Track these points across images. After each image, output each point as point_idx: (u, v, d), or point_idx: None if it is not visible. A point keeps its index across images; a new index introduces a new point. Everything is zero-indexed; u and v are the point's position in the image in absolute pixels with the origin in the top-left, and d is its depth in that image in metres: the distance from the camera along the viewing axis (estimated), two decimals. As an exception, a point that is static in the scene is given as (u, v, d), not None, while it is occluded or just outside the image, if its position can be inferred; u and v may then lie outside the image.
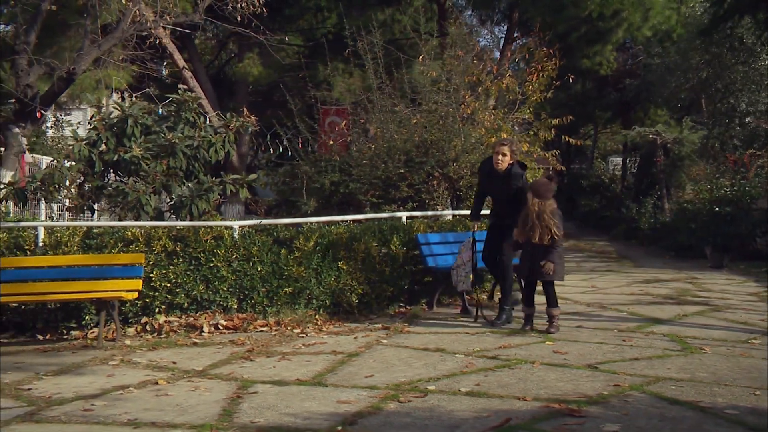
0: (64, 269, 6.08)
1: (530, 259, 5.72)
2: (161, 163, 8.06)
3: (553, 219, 5.58)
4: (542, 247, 5.61)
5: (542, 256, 5.61)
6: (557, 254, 5.63)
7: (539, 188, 5.75)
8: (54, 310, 6.24)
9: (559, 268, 5.67)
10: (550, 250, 5.60)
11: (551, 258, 5.59)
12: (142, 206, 7.78)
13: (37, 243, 6.31)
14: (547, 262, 5.58)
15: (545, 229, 5.57)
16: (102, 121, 8.14)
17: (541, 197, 5.66)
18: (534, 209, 5.63)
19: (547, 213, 5.58)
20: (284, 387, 4.22)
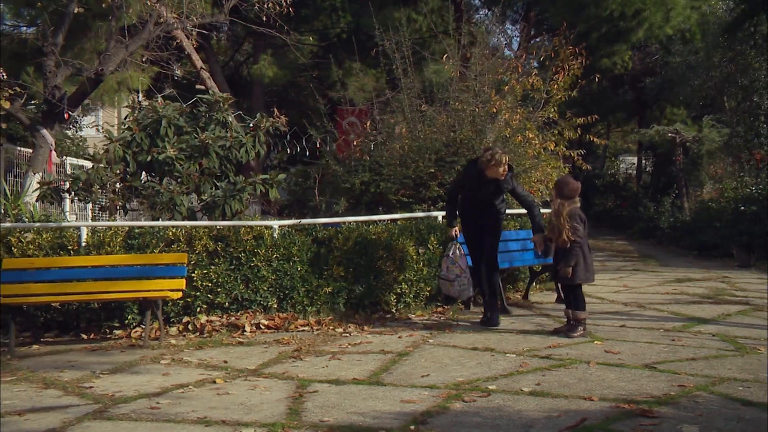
0: (107, 269, 6.11)
1: (555, 260, 5.72)
2: (194, 164, 8.11)
3: (567, 221, 5.45)
4: (561, 249, 5.56)
5: (561, 258, 5.56)
6: (574, 255, 5.48)
7: (562, 188, 5.63)
8: (97, 310, 6.28)
9: (579, 269, 5.49)
10: (566, 253, 5.49)
11: (567, 260, 5.47)
12: (175, 206, 7.83)
13: (80, 243, 6.34)
14: (561, 266, 5.50)
15: (559, 231, 5.49)
16: (136, 121, 8.19)
17: (564, 197, 5.55)
18: (554, 208, 5.58)
19: (563, 215, 5.47)
20: (343, 386, 4.23)
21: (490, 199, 6.19)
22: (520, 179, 9.17)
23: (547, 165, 10.18)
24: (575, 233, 5.45)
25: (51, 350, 5.63)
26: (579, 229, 5.49)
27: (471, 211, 6.35)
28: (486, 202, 6.21)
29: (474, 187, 6.21)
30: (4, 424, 3.60)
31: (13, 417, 3.71)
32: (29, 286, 5.93)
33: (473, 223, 6.34)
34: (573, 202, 5.55)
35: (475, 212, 6.30)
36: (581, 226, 5.53)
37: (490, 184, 6.13)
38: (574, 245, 5.48)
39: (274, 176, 8.44)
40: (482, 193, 6.18)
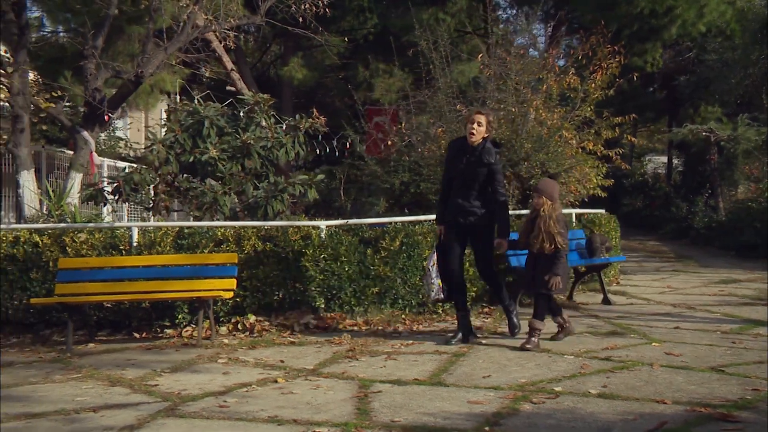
0: (159, 269, 6.18)
1: (532, 268, 5.18)
2: (237, 164, 8.18)
3: (558, 226, 5.02)
4: (545, 257, 5.06)
5: (546, 268, 5.04)
6: (561, 265, 5.06)
7: (548, 188, 5.14)
8: (148, 309, 6.36)
9: (564, 280, 5.16)
10: (554, 260, 5.02)
11: (556, 270, 5.02)
12: (219, 207, 7.90)
13: (132, 243, 6.42)
14: (552, 276, 5.02)
15: (549, 237, 5.01)
16: (178, 123, 8.28)
17: (550, 198, 5.09)
18: (543, 213, 5.05)
19: (553, 218, 5.01)
20: (405, 386, 4.23)
21: (473, 180, 5.24)
22: (561, 179, 9.11)
23: (585, 165, 10.10)
24: (563, 238, 5.04)
25: (107, 348, 5.70)
26: (565, 235, 5.09)
27: (453, 203, 5.36)
28: (469, 185, 5.25)
29: (452, 163, 5.35)
30: (81, 420, 3.65)
31: (89, 413, 3.77)
32: (84, 285, 6.03)
33: (454, 220, 5.37)
34: (559, 205, 5.19)
35: (457, 205, 5.35)
36: (566, 231, 5.16)
37: (470, 155, 5.22)
38: (562, 252, 5.05)
39: (312, 177, 8.48)
40: (462, 168, 5.26)
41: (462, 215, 5.34)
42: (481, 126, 5.22)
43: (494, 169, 5.23)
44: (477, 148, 5.24)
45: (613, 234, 8.90)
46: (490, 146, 5.24)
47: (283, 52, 19.84)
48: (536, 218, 5.07)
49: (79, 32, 12.29)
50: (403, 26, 20.10)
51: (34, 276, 6.30)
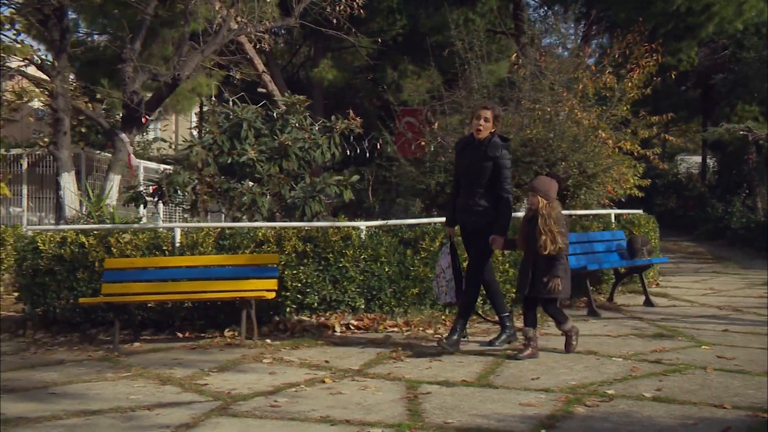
0: (201, 269, 6.25)
1: (531, 272, 4.90)
2: (274, 165, 8.24)
3: (558, 225, 4.77)
4: (544, 259, 4.79)
5: (545, 270, 4.80)
6: (563, 266, 4.82)
7: (543, 186, 4.86)
8: (190, 309, 6.43)
9: (564, 283, 4.85)
10: (554, 262, 4.78)
11: (555, 272, 4.78)
12: (257, 208, 7.97)
13: (174, 244, 6.51)
14: (552, 278, 4.78)
15: (551, 237, 4.74)
16: (217, 125, 8.37)
17: (547, 197, 4.82)
18: (542, 212, 4.78)
19: (553, 217, 4.76)
20: (454, 388, 4.22)
21: (479, 176, 5.00)
22: (598, 180, 9.01)
23: (622, 165, 9.98)
24: (563, 240, 4.79)
25: (153, 348, 5.78)
26: (566, 235, 4.86)
27: (459, 202, 5.18)
28: (475, 182, 5.02)
29: (459, 161, 5.20)
30: (138, 418, 3.71)
31: (144, 411, 3.82)
32: (130, 285, 6.12)
33: (461, 222, 5.27)
34: (557, 204, 4.90)
35: (462, 204, 5.15)
36: (566, 230, 4.92)
37: (476, 151, 5.00)
38: (562, 254, 4.80)
39: (347, 177, 8.50)
40: (467, 165, 5.08)
41: (465, 215, 5.14)
42: (487, 122, 5.00)
43: (500, 164, 4.95)
44: (483, 142, 5.01)
45: (652, 235, 8.78)
46: (496, 140, 5.02)
47: (313, 54, 19.94)
48: (533, 218, 4.83)
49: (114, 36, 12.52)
50: (432, 27, 20.07)
51: (80, 276, 6.42)
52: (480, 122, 5.00)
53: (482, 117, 5.00)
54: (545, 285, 4.80)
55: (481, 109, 5.07)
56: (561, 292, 4.84)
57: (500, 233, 5.01)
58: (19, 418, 3.66)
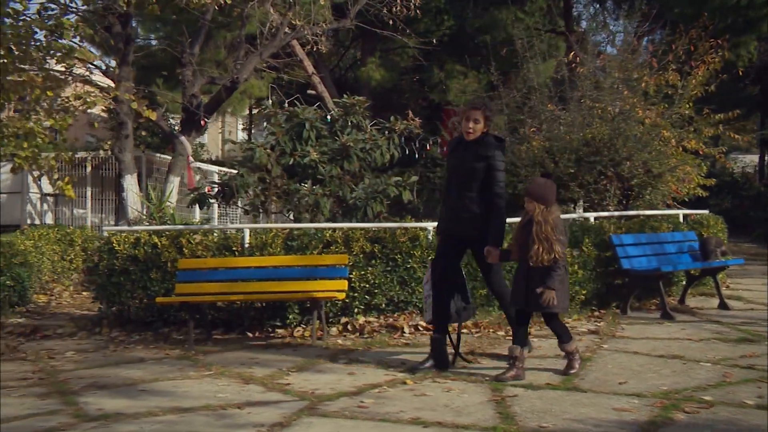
0: (271, 269, 6.31)
1: (525, 283, 4.44)
2: (336, 166, 8.28)
3: (555, 233, 4.31)
4: (539, 269, 4.34)
5: (540, 281, 4.34)
6: (558, 278, 4.35)
7: (539, 190, 4.42)
8: (260, 309, 6.50)
9: (562, 295, 4.41)
10: (550, 272, 4.31)
11: (550, 283, 4.31)
12: (319, 209, 8.01)
13: (244, 244, 6.59)
14: (545, 290, 4.31)
15: (547, 246, 4.30)
16: (280, 126, 8.45)
17: (543, 201, 4.36)
18: (536, 219, 4.33)
19: (550, 224, 4.31)
20: (540, 391, 4.15)
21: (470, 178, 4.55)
22: (665, 179, 8.79)
23: (687, 164, 9.70)
24: (562, 247, 4.35)
25: (226, 347, 5.86)
26: (564, 243, 4.40)
27: (448, 207, 4.74)
28: (466, 186, 4.58)
29: (450, 163, 4.79)
30: (231, 416, 3.75)
31: (234, 410, 3.87)
32: (202, 285, 6.22)
33: (446, 230, 4.79)
34: (554, 209, 4.43)
35: (450, 210, 4.71)
36: (565, 238, 4.46)
37: (467, 152, 4.58)
38: (559, 263, 4.35)
39: (406, 178, 8.48)
40: (458, 166, 4.64)
41: (453, 222, 4.68)
42: (477, 123, 4.55)
43: (493, 165, 4.51)
44: (475, 142, 4.59)
45: (721, 236, 8.50)
46: (490, 139, 4.59)
47: (361, 55, 20.00)
48: (528, 225, 4.38)
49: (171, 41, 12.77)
50: (480, 27, 19.94)
51: (153, 276, 6.55)
52: (469, 125, 4.54)
53: (471, 119, 4.54)
54: (538, 297, 4.33)
55: (470, 110, 4.59)
56: (557, 306, 4.37)
57: (495, 244, 4.54)
58: (118, 414, 3.74)
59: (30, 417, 3.73)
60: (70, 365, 5.18)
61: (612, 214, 7.64)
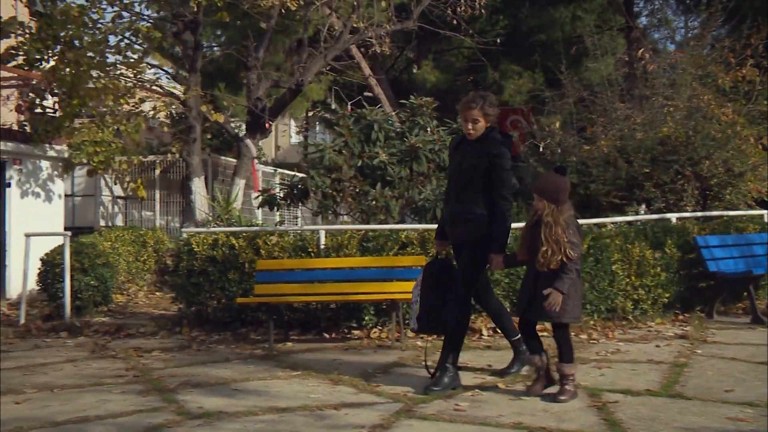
0: (347, 271, 6.32)
1: (532, 288, 4.04)
2: (405, 168, 8.25)
3: (567, 234, 3.91)
4: (548, 273, 3.94)
5: (547, 285, 3.93)
6: (570, 283, 3.92)
7: (550, 186, 4.00)
8: (336, 310, 6.51)
9: (573, 303, 3.97)
10: (560, 275, 3.90)
11: (559, 286, 3.87)
12: (389, 211, 8.00)
13: (319, 245, 6.62)
14: (553, 291, 3.87)
15: (557, 248, 3.88)
16: (348, 128, 8.48)
17: (553, 200, 3.95)
18: (546, 219, 3.93)
19: (561, 224, 3.90)
20: (641, 397, 4.01)
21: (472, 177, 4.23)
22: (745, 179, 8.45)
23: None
24: (574, 250, 3.95)
25: (307, 348, 5.89)
26: (578, 246, 3.97)
27: (448, 210, 4.47)
28: (467, 185, 4.26)
29: (451, 162, 4.49)
30: (329, 417, 3.75)
31: (331, 410, 3.86)
32: (280, 286, 6.27)
33: (450, 233, 4.47)
34: (567, 207, 4.01)
35: (450, 212, 4.42)
36: (579, 240, 4.04)
37: (470, 149, 4.25)
38: (571, 265, 3.93)
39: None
40: (460, 165, 4.31)
41: (453, 225, 4.34)
42: (477, 122, 4.22)
43: (498, 163, 4.14)
44: (479, 139, 4.26)
45: (808, 237, 8.11)
46: (495, 135, 4.25)
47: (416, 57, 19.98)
48: (537, 225, 3.99)
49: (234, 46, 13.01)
50: (536, 26, 19.66)
51: (231, 276, 6.64)
52: (469, 126, 4.24)
53: (470, 120, 4.22)
54: (544, 300, 3.90)
55: (466, 110, 4.23)
56: (565, 314, 3.93)
57: (497, 250, 4.16)
58: (220, 413, 3.78)
59: (135, 413, 3.81)
60: (159, 363, 5.29)
61: (695, 215, 7.37)
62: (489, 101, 4.24)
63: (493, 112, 4.25)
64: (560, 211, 3.93)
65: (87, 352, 5.87)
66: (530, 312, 4.06)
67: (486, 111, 4.22)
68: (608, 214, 8.40)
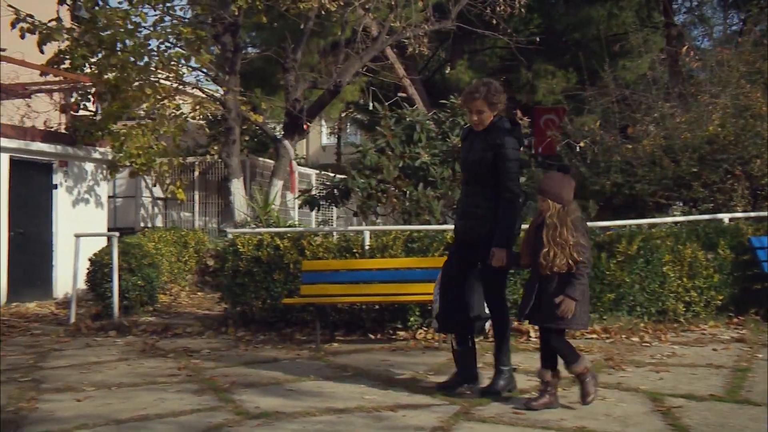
0: (392, 272, 6.29)
1: (537, 293, 3.81)
2: (447, 168, 8.20)
3: (575, 235, 3.69)
4: (555, 277, 3.72)
5: (556, 290, 3.70)
6: (581, 288, 3.70)
7: (554, 186, 3.79)
8: (380, 311, 6.49)
9: (582, 309, 3.74)
10: (571, 281, 3.68)
11: (571, 292, 3.65)
12: (431, 211, 7.95)
13: (364, 246, 6.60)
14: (565, 299, 3.65)
15: (560, 251, 3.68)
16: (389, 128, 8.45)
17: (558, 200, 3.75)
18: (550, 220, 3.72)
19: (566, 225, 3.69)
20: (706, 402, 3.90)
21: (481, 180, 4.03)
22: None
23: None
24: (582, 253, 3.71)
25: (354, 348, 5.87)
26: (587, 248, 3.74)
27: (458, 208, 4.36)
28: (477, 180, 4.08)
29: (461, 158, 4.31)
30: (387, 418, 3.72)
31: (388, 412, 3.84)
32: (326, 287, 6.27)
33: (456, 229, 4.32)
34: (574, 208, 3.80)
35: (459, 210, 4.29)
36: (587, 242, 3.79)
37: (477, 141, 4.08)
38: (582, 270, 3.71)
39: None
40: (468, 157, 4.14)
41: (461, 220, 4.17)
42: (482, 113, 4.01)
43: (502, 154, 3.93)
44: (485, 129, 4.06)
45: None
46: (501, 124, 4.04)
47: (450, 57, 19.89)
48: (541, 227, 3.78)
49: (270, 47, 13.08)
50: (570, 24, 19.41)
51: (276, 277, 6.67)
52: (474, 118, 4.06)
53: (474, 111, 4.03)
54: (555, 307, 3.67)
55: (469, 102, 4.04)
56: (575, 321, 3.72)
57: (501, 245, 3.93)
58: (278, 413, 3.78)
59: (194, 413, 3.83)
60: (209, 363, 5.32)
61: (748, 215, 7.17)
62: (493, 89, 4.02)
63: (498, 100, 4.04)
64: (566, 212, 3.73)
65: (137, 351, 5.94)
66: (535, 317, 3.85)
67: (491, 100, 4.00)
68: (654, 215, 8.23)
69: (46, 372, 5.08)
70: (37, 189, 9.44)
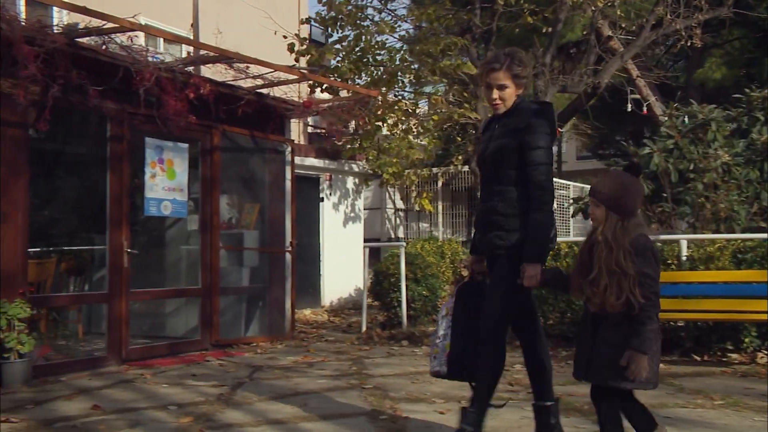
0: (721, 285, 5.59)
1: (591, 335, 2.71)
2: (754, 169, 7.28)
3: (633, 263, 2.59)
4: (613, 318, 2.63)
5: (617, 339, 2.62)
6: (649, 337, 2.58)
7: (612, 190, 2.72)
8: (703, 329, 5.78)
9: (652, 362, 2.61)
10: (639, 330, 2.58)
11: (639, 345, 2.57)
12: (734, 218, 7.07)
13: (680, 257, 5.96)
14: (635, 354, 2.56)
15: (615, 283, 2.60)
16: (676, 128, 7.73)
17: (616, 209, 2.69)
18: (601, 237, 2.68)
19: (624, 247, 2.61)
20: None
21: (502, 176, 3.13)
22: None
23: None
24: (649, 288, 2.59)
25: (692, 371, 5.24)
26: (654, 280, 2.62)
27: (477, 214, 3.40)
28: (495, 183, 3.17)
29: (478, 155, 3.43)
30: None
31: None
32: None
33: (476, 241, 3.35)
34: (636, 223, 2.69)
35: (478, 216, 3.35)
36: (656, 271, 2.65)
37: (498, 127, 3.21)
38: (650, 312, 2.60)
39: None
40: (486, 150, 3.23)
41: (480, 229, 3.26)
42: (505, 88, 3.13)
43: (528, 142, 3.05)
44: (507, 113, 3.19)
45: None
46: (525, 105, 3.19)
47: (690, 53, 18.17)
48: (590, 246, 2.76)
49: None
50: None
51: (577, 289, 6.25)
52: (493, 94, 3.16)
53: (494, 85, 3.14)
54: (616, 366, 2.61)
55: (490, 73, 3.15)
56: (646, 381, 2.62)
57: (532, 259, 2.99)
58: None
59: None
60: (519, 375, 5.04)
61: None
62: (518, 59, 3.17)
63: (525, 73, 3.18)
64: (626, 228, 2.67)
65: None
66: (590, 373, 2.73)
67: (515, 71, 3.14)
68: None
69: (378, 380, 5.12)
70: (309, 202, 10.05)
